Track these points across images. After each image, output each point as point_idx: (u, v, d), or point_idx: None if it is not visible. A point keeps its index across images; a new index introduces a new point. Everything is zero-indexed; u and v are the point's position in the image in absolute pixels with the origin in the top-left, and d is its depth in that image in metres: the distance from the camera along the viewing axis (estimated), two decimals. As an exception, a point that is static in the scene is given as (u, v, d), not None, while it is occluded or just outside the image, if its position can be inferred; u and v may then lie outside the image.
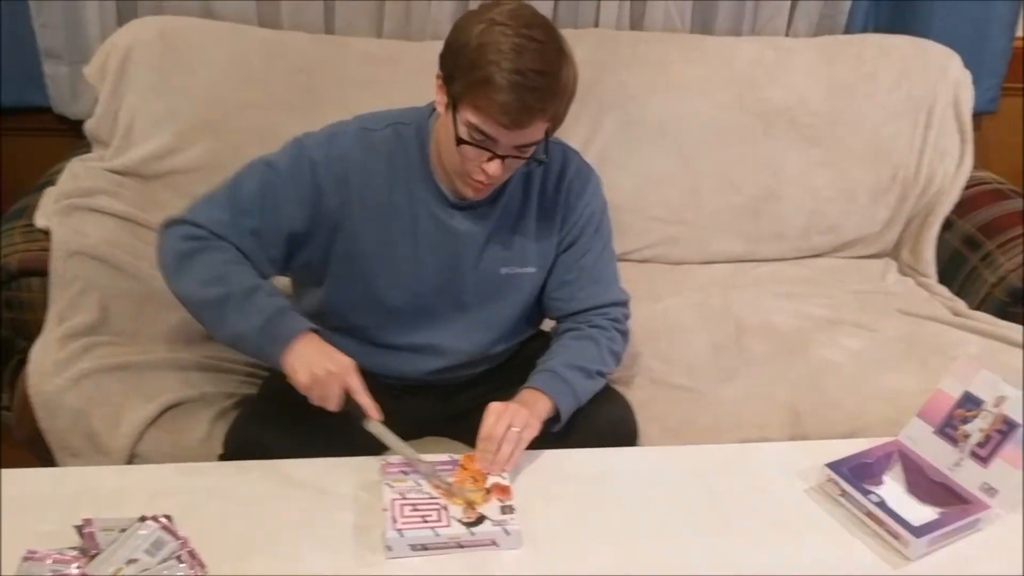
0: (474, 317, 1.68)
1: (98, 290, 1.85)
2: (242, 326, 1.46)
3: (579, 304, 1.70)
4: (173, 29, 2.24)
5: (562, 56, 1.45)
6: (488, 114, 1.41)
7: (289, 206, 1.54)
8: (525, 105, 1.40)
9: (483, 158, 1.47)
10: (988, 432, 1.46)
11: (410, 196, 1.59)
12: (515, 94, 1.39)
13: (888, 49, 2.50)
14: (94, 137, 2.21)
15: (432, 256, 1.61)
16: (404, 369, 1.69)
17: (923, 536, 1.35)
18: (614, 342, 1.69)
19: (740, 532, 1.41)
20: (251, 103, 2.23)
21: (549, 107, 1.44)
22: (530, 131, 1.45)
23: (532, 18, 1.44)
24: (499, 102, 1.39)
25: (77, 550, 1.25)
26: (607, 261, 1.74)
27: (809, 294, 2.31)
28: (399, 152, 1.59)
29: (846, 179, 2.46)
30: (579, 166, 1.71)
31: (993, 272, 2.24)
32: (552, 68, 1.42)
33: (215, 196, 1.57)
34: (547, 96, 1.42)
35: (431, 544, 1.32)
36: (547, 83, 1.41)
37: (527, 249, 1.66)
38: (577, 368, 1.60)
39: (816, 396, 1.91)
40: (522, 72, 1.38)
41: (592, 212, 1.70)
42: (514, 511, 1.37)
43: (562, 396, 1.56)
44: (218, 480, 1.47)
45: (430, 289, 1.63)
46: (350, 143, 1.58)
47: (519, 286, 1.69)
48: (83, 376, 1.71)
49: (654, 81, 2.40)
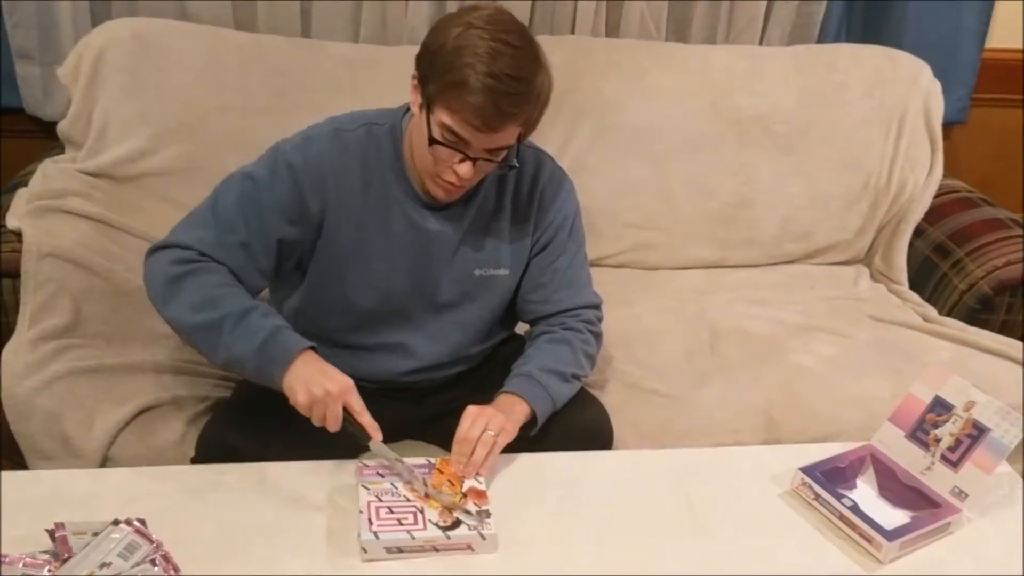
0: (447, 318, 1.68)
1: (71, 292, 1.84)
2: (238, 349, 1.44)
3: (553, 307, 1.71)
4: (148, 31, 2.22)
5: (537, 63, 1.46)
6: (461, 116, 1.42)
7: (273, 213, 1.54)
8: (498, 109, 1.41)
9: (455, 159, 1.47)
10: (958, 436, 1.48)
11: (384, 196, 1.59)
12: (488, 97, 1.40)
13: (860, 59, 2.52)
14: (67, 138, 2.19)
15: (405, 256, 1.62)
16: (377, 371, 1.69)
17: (895, 539, 1.37)
18: (588, 344, 1.70)
19: (714, 536, 1.42)
20: (226, 106, 2.22)
21: (522, 112, 1.45)
22: (502, 135, 1.46)
23: (510, 24, 1.45)
24: (472, 104, 1.40)
25: (49, 554, 1.24)
26: (580, 264, 1.76)
27: (782, 300, 2.33)
28: (373, 152, 1.59)
29: (818, 187, 2.48)
30: (553, 170, 1.73)
31: (963, 279, 2.26)
32: (526, 73, 1.43)
33: (197, 215, 1.55)
34: (520, 101, 1.43)
35: (406, 547, 1.32)
36: (521, 88, 1.42)
37: (500, 251, 1.67)
38: (553, 372, 1.61)
39: (789, 401, 1.93)
40: (496, 76, 1.39)
41: (565, 216, 1.71)
42: (490, 515, 1.37)
43: (538, 400, 1.57)
44: (192, 483, 1.46)
45: (403, 289, 1.64)
46: (325, 145, 1.57)
47: (492, 288, 1.69)
48: (55, 379, 1.70)
49: (629, 88, 2.41)
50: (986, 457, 1.45)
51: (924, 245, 2.43)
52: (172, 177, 2.18)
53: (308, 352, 1.45)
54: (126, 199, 2.13)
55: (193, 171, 2.18)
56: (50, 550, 1.24)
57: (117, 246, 1.98)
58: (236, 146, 2.16)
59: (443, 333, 1.69)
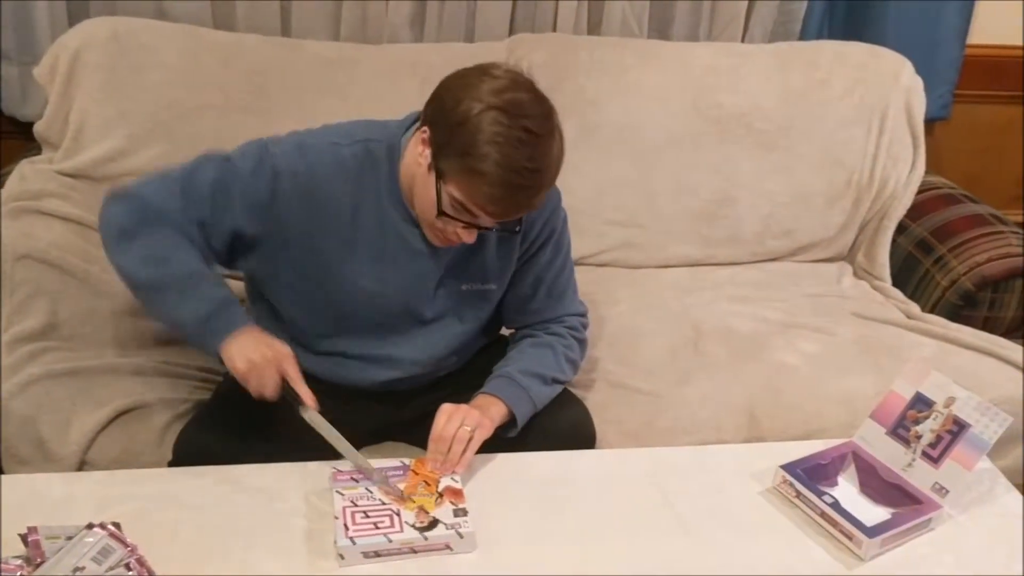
0: (432, 331, 1.67)
1: (47, 294, 1.82)
2: (183, 313, 1.45)
3: (537, 317, 1.72)
4: (125, 30, 2.20)
5: (552, 138, 1.42)
6: (476, 201, 1.41)
7: (241, 206, 1.51)
8: (515, 201, 1.41)
9: (460, 225, 1.46)
10: (939, 433, 1.48)
11: (377, 214, 1.56)
12: (506, 190, 1.38)
13: (842, 56, 2.52)
14: (44, 139, 2.17)
15: (395, 274, 1.59)
16: (359, 378, 1.67)
17: (876, 536, 1.37)
18: (571, 350, 1.70)
19: (696, 534, 1.42)
20: (205, 106, 2.20)
21: (538, 201, 1.45)
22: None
23: (529, 105, 1.40)
24: (489, 195, 1.39)
25: (22, 559, 1.22)
26: (567, 276, 1.75)
27: (765, 298, 2.32)
28: (368, 171, 1.55)
29: (801, 184, 2.48)
30: None
31: (945, 275, 2.26)
32: (545, 163, 1.41)
33: (168, 179, 1.54)
34: (538, 192, 1.43)
35: (384, 551, 1.31)
36: (539, 180, 1.41)
37: (488, 266, 1.65)
38: (534, 375, 1.60)
39: (772, 399, 1.92)
40: (517, 171, 1.37)
41: (553, 228, 1.69)
42: (467, 514, 1.36)
43: (519, 402, 1.56)
44: (168, 486, 1.46)
45: (390, 304, 1.62)
46: (318, 158, 1.54)
47: (479, 302, 1.68)
48: (32, 382, 1.68)
49: (611, 86, 2.41)
50: (967, 453, 1.45)
51: (907, 242, 2.43)
52: (151, 178, 2.17)
53: (252, 326, 1.47)
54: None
55: (172, 171, 2.17)
56: (23, 555, 1.23)
57: (94, 247, 1.95)
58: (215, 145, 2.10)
59: (428, 345, 1.68)
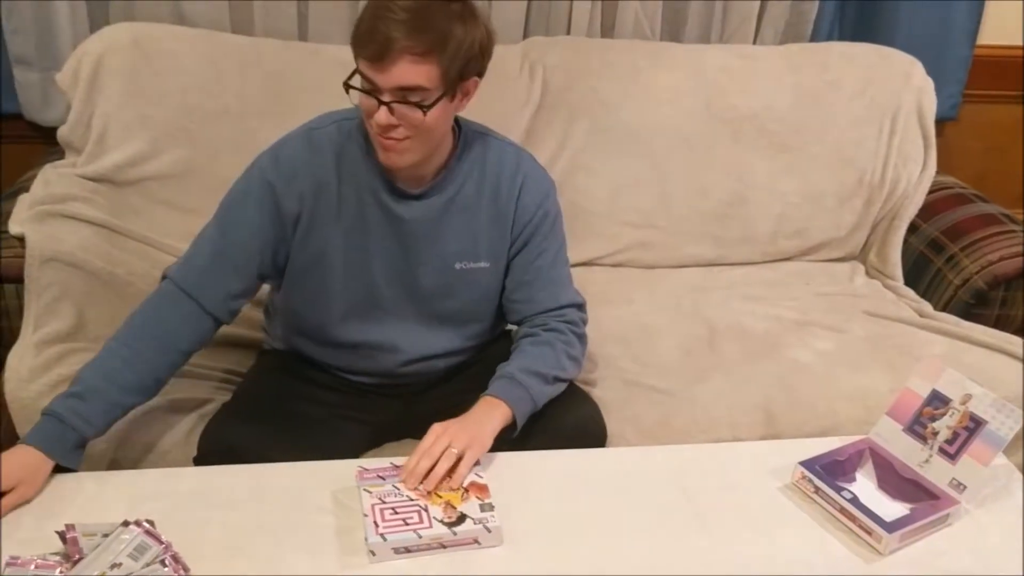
0: (429, 313, 1.69)
1: (73, 296, 1.85)
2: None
3: (538, 305, 1.71)
4: (145, 36, 2.23)
5: (444, 6, 1.44)
6: (361, 50, 1.44)
7: (251, 222, 1.58)
8: (386, 36, 1.40)
9: (373, 107, 1.47)
10: (955, 429, 1.50)
11: (358, 187, 1.60)
12: (374, 24, 1.41)
13: (852, 57, 2.54)
14: (67, 144, 2.20)
15: (382, 244, 1.63)
16: (367, 366, 1.71)
17: (895, 531, 1.38)
18: (571, 347, 1.70)
19: (715, 530, 1.43)
20: (224, 110, 2.23)
21: (414, 41, 1.41)
22: (400, 68, 1.42)
23: None
24: (364, 32, 1.42)
25: (60, 555, 1.25)
26: (562, 264, 1.76)
27: (778, 297, 2.35)
28: (345, 145, 1.61)
29: (812, 184, 2.50)
30: (533, 168, 1.72)
31: (957, 274, 2.28)
32: (420, 6, 1.42)
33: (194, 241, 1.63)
34: (411, 31, 1.41)
35: (414, 546, 1.33)
36: (411, 18, 1.41)
37: (479, 244, 1.67)
38: (534, 373, 1.61)
39: (787, 396, 1.94)
40: (388, 7, 1.41)
41: (546, 213, 1.70)
42: (494, 509, 1.38)
43: (519, 402, 1.57)
44: (197, 485, 1.47)
45: (382, 280, 1.65)
46: (297, 144, 1.61)
47: (472, 281, 1.69)
48: (60, 382, 1.70)
49: (624, 88, 2.43)
50: (983, 449, 1.46)
51: (918, 241, 2.45)
52: (171, 181, 2.20)
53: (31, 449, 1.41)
54: (126, 203, 2.15)
55: (192, 174, 2.20)
56: (60, 551, 1.26)
57: (118, 250, 1.99)
58: (234, 149, 2.17)
59: (428, 328, 1.70)
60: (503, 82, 2.39)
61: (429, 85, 1.46)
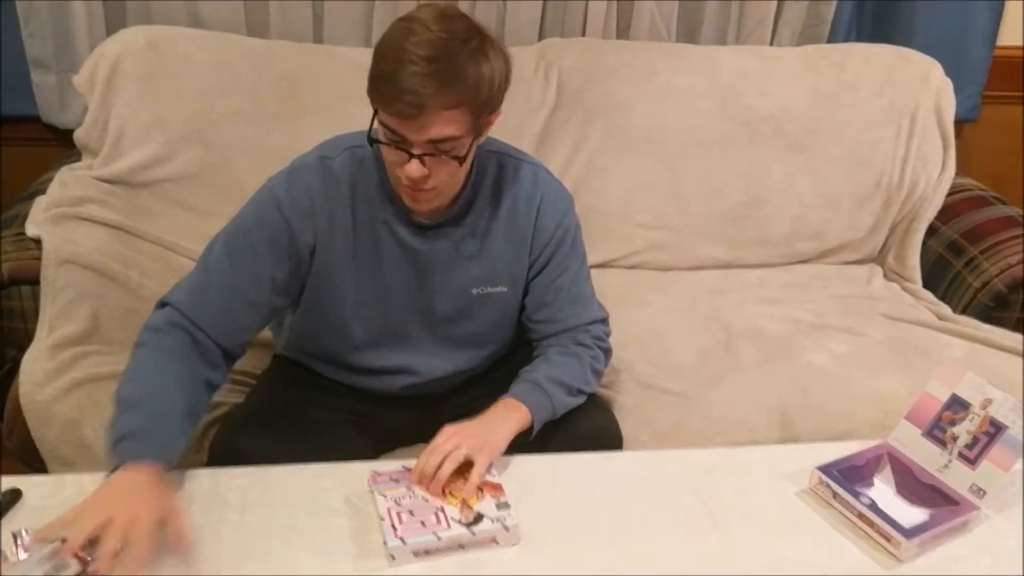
0: (446, 337, 1.67)
1: (89, 299, 1.85)
2: (110, 422, 1.38)
3: (560, 325, 1.68)
4: (162, 38, 2.25)
5: (464, 46, 1.38)
6: (388, 108, 1.38)
7: (263, 254, 1.52)
8: (414, 91, 1.34)
9: (403, 160, 1.43)
10: (975, 434, 1.48)
11: (372, 218, 1.57)
12: (404, 80, 1.34)
13: (870, 58, 2.53)
14: (83, 146, 2.21)
15: (398, 276, 1.60)
16: (382, 388, 1.69)
17: (914, 537, 1.37)
18: (597, 361, 1.68)
19: (732, 534, 1.42)
20: (238, 112, 2.24)
21: (445, 94, 1.36)
22: (432, 121, 1.38)
23: (443, 13, 1.40)
24: (391, 90, 1.36)
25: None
26: (584, 280, 1.72)
27: (795, 299, 2.33)
28: (359, 176, 1.56)
29: (830, 186, 2.48)
30: (550, 185, 1.67)
31: (977, 277, 2.26)
32: (443, 55, 1.35)
33: (194, 269, 1.55)
34: (441, 85, 1.35)
35: (433, 548, 1.32)
36: (445, 69, 1.35)
37: (497, 268, 1.64)
38: (559, 383, 1.59)
39: (804, 399, 1.93)
40: (411, 59, 1.34)
41: (565, 230, 1.66)
42: (510, 507, 1.38)
43: (539, 408, 1.55)
44: (209, 486, 1.47)
45: (399, 310, 1.63)
46: (311, 174, 1.55)
47: (491, 306, 1.67)
48: (75, 385, 1.71)
49: (640, 90, 2.42)
50: (1003, 454, 1.45)
51: (937, 243, 2.43)
52: (186, 182, 2.21)
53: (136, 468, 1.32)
54: (142, 205, 2.16)
55: (206, 176, 2.20)
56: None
57: (133, 252, 2.00)
58: (248, 151, 2.18)
59: (445, 352, 1.68)
60: (518, 84, 2.34)
61: (460, 133, 1.41)
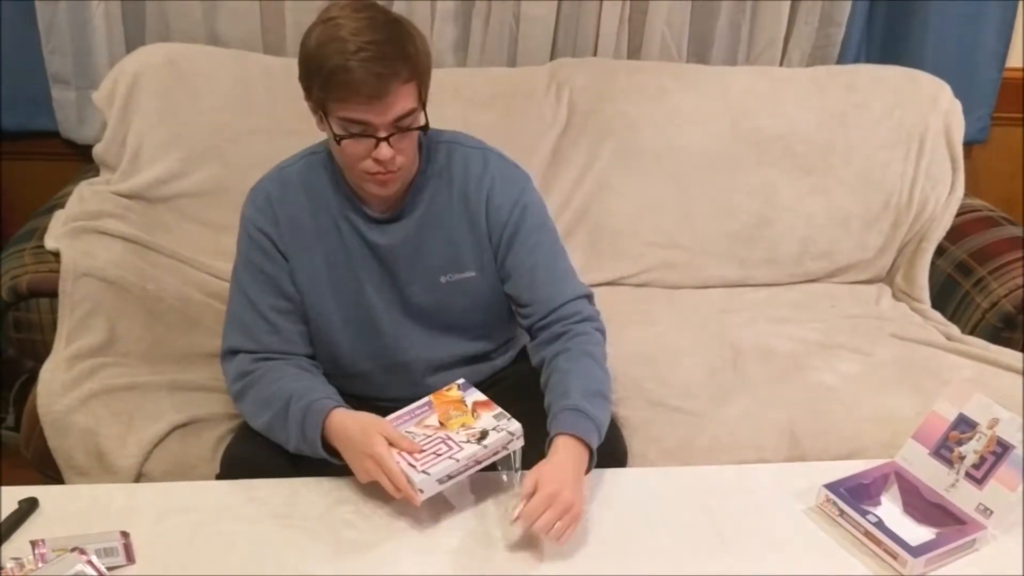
0: (430, 327, 1.69)
1: (106, 311, 1.88)
2: (292, 442, 1.51)
3: (545, 306, 1.64)
4: (180, 55, 2.28)
5: (396, 26, 1.47)
6: (350, 100, 1.44)
7: (271, 270, 1.61)
8: (375, 73, 1.41)
9: (370, 147, 1.48)
10: (983, 454, 1.49)
11: (332, 219, 1.62)
12: (359, 68, 1.40)
13: (880, 79, 2.54)
14: (102, 161, 2.24)
15: (366, 272, 1.64)
16: (388, 392, 1.71)
17: (920, 556, 1.38)
18: (600, 345, 1.65)
19: (739, 552, 1.43)
20: (254, 129, 2.26)
21: (400, 70, 1.44)
22: (395, 100, 1.45)
23: (357, 5, 1.47)
24: (348, 81, 1.42)
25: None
26: (559, 256, 1.70)
27: (804, 319, 2.34)
28: (314, 179, 1.63)
29: (839, 206, 2.49)
30: (500, 165, 1.68)
31: (985, 297, 2.27)
32: (385, 36, 1.43)
33: (232, 313, 1.64)
34: (396, 61, 1.43)
35: (455, 471, 1.40)
36: (391, 49, 1.43)
37: (461, 254, 1.65)
38: (597, 395, 1.54)
39: (812, 418, 1.94)
40: (358, 48, 1.41)
41: (524, 208, 1.65)
42: (506, 414, 1.45)
43: (592, 436, 1.49)
44: (223, 499, 1.49)
45: (377, 304, 1.66)
46: (269, 185, 1.64)
47: (464, 291, 1.67)
48: (91, 396, 1.74)
49: (651, 110, 2.44)
50: (1010, 474, 1.46)
51: (946, 264, 2.44)
52: (202, 198, 2.23)
53: (331, 420, 1.49)
54: (159, 220, 2.18)
55: (222, 192, 2.23)
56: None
57: (150, 266, 2.03)
58: (264, 168, 2.16)
59: (433, 341, 1.70)
60: (530, 103, 2.41)
61: (416, 105, 1.49)
